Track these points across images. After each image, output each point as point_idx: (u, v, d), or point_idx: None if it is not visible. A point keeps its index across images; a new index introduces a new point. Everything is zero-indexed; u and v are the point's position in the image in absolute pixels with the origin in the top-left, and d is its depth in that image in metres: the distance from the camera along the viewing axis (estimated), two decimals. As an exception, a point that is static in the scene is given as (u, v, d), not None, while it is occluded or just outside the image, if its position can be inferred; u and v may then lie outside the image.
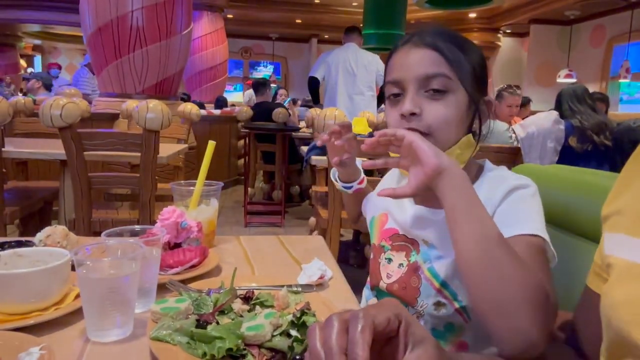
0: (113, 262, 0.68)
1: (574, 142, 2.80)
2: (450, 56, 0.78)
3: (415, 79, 0.78)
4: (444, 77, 0.77)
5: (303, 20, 11.10)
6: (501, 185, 0.79)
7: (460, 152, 0.80)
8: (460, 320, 0.80)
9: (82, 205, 2.04)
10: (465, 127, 0.81)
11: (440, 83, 0.77)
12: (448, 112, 0.77)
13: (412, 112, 0.77)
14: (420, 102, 0.78)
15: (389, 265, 0.88)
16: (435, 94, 0.77)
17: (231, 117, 5.60)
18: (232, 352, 0.58)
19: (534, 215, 0.75)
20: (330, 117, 2.20)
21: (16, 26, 10.51)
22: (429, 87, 0.77)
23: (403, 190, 0.71)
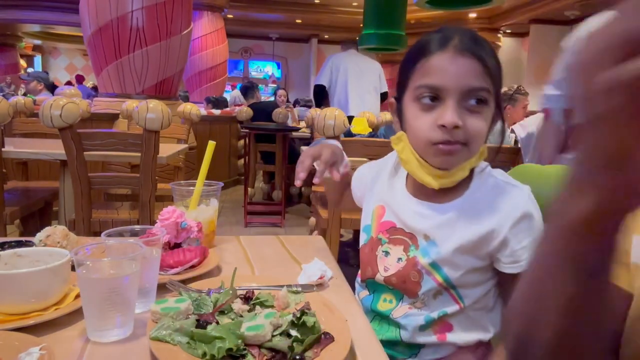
0: (113, 262, 0.68)
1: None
2: (492, 69, 0.78)
3: (459, 90, 0.77)
4: (486, 92, 0.78)
5: (303, 20, 11.10)
6: (507, 200, 0.80)
7: (474, 161, 0.83)
8: (456, 307, 0.83)
9: (82, 205, 2.04)
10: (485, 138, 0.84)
11: (481, 96, 0.78)
12: (484, 126, 0.80)
13: (456, 125, 0.77)
14: (462, 114, 0.78)
15: (386, 258, 0.88)
16: (475, 107, 0.78)
17: (231, 117, 5.60)
18: (232, 352, 0.58)
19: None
20: (330, 117, 2.20)
21: (16, 26, 10.52)
22: (471, 100, 0.78)
23: None
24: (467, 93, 0.77)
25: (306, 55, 13.11)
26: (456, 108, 0.77)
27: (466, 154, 0.80)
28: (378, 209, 0.93)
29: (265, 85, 12.32)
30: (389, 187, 0.93)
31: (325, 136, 2.26)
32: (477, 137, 0.79)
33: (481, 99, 0.78)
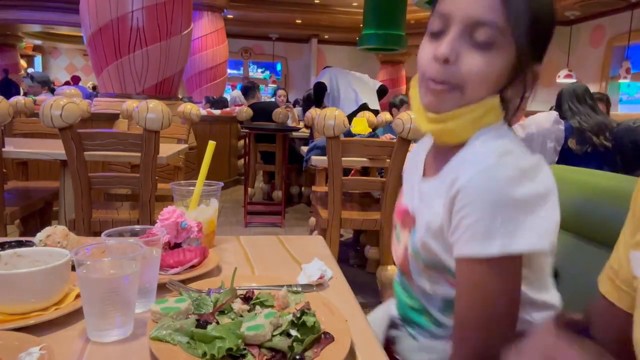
0: (113, 262, 0.68)
1: (573, 144, 2.80)
2: (513, 5, 0.65)
3: (462, 20, 0.66)
4: (493, 28, 0.65)
5: (303, 20, 11.10)
6: (458, 170, 0.67)
7: (479, 115, 0.69)
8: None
9: (82, 205, 2.04)
10: (497, 89, 0.69)
11: (487, 33, 0.65)
12: (488, 69, 0.66)
13: (446, 57, 0.67)
14: (459, 48, 0.67)
15: (397, 244, 0.85)
16: (479, 44, 0.66)
17: (231, 117, 5.60)
18: (232, 352, 0.58)
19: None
20: (330, 117, 2.20)
21: (16, 26, 10.52)
22: (474, 35, 0.66)
23: None
24: (472, 25, 0.66)
25: (306, 55, 13.11)
26: (456, 40, 0.67)
27: (457, 97, 0.69)
28: (400, 191, 0.88)
29: (265, 85, 12.32)
30: (413, 165, 0.85)
31: (326, 136, 2.26)
32: (474, 80, 0.67)
33: (487, 38, 0.66)
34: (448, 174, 0.69)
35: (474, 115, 0.69)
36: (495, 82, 0.68)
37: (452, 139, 0.73)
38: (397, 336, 0.87)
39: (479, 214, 0.63)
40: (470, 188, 0.64)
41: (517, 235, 0.62)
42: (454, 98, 0.69)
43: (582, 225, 0.85)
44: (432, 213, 0.71)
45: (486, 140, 0.69)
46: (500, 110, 0.70)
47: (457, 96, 0.69)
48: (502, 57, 0.67)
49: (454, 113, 0.70)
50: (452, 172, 0.68)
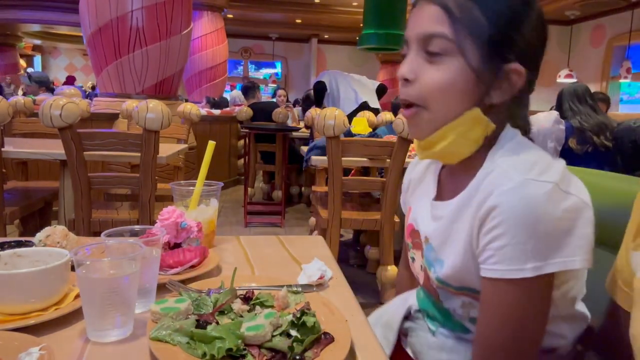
0: (113, 262, 0.68)
1: (574, 143, 2.80)
2: (457, 13, 0.66)
3: (415, 38, 0.69)
4: (443, 39, 0.66)
5: (303, 20, 11.10)
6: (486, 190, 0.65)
7: (466, 130, 0.68)
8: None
9: (82, 205, 2.04)
10: (475, 100, 0.68)
11: (438, 45, 0.66)
12: (443, 79, 0.66)
13: (404, 77, 0.69)
14: (418, 67, 0.68)
15: (413, 264, 0.85)
16: (432, 57, 0.67)
17: (231, 117, 5.60)
18: (232, 352, 0.58)
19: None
20: (330, 117, 2.20)
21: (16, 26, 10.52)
22: (428, 49, 0.67)
23: None
24: (424, 41, 0.68)
25: (306, 55, 13.11)
26: (413, 59, 0.69)
27: (427, 117, 0.69)
28: (409, 209, 0.88)
29: (265, 85, 12.32)
30: (424, 185, 0.84)
31: (325, 136, 2.26)
32: (434, 93, 0.67)
33: (437, 49, 0.66)
34: (472, 196, 0.68)
35: (459, 131, 0.69)
36: (463, 93, 0.67)
37: (453, 159, 0.73)
38: (412, 328, 0.85)
39: (511, 234, 0.61)
40: (503, 207, 0.62)
41: (551, 256, 0.61)
42: (424, 118, 0.69)
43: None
44: (456, 243, 0.70)
45: (505, 154, 0.68)
46: (486, 119, 0.69)
47: (426, 115, 0.69)
48: (456, 66, 0.66)
49: (436, 135, 0.70)
50: (477, 192, 0.67)
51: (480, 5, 0.66)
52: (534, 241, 0.61)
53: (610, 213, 0.79)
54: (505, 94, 0.69)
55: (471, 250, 0.68)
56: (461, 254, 0.69)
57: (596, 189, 0.85)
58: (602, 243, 0.80)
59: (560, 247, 0.61)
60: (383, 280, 2.54)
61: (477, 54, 0.66)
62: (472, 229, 0.67)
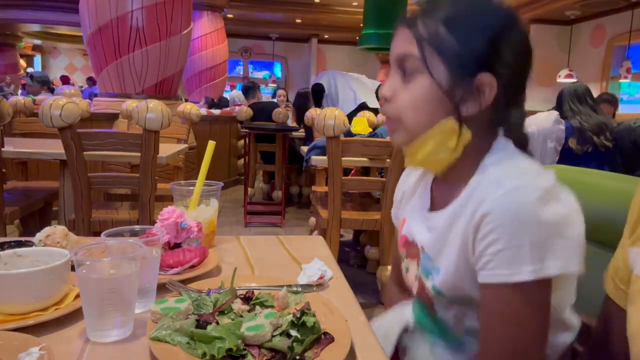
0: (113, 262, 0.68)
1: (574, 143, 2.79)
2: (424, 34, 0.70)
3: (393, 60, 0.74)
4: (413, 58, 0.70)
5: (303, 20, 11.10)
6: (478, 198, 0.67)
7: (443, 139, 0.71)
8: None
9: (81, 205, 2.04)
10: (448, 112, 0.70)
11: (409, 64, 0.71)
12: (414, 97, 0.71)
13: (384, 96, 0.74)
14: (396, 87, 0.73)
15: (407, 274, 0.85)
16: (406, 76, 0.72)
17: (231, 117, 5.60)
18: (232, 352, 0.58)
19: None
20: (330, 117, 2.20)
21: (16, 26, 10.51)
22: (404, 69, 0.72)
23: None
24: (399, 61, 0.73)
25: (306, 55, 13.10)
26: (392, 80, 0.74)
27: (401, 129, 0.73)
28: (402, 220, 0.88)
29: (265, 85, 12.32)
30: (417, 196, 0.86)
31: (325, 136, 2.26)
32: (406, 109, 0.72)
33: (408, 68, 0.71)
34: (465, 204, 0.69)
35: (437, 140, 0.71)
36: (430, 107, 0.70)
37: (437, 167, 0.76)
38: (410, 343, 0.85)
39: (506, 239, 0.62)
40: (496, 213, 0.63)
41: (547, 259, 0.62)
42: (399, 130, 0.74)
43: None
44: (451, 252, 0.71)
45: (496, 163, 0.70)
46: (460, 129, 0.70)
47: (401, 128, 0.73)
48: (423, 84, 0.70)
49: (416, 145, 0.73)
50: (470, 201, 0.68)
51: (448, 23, 0.69)
52: (529, 245, 0.61)
53: (610, 213, 0.80)
54: (477, 105, 0.70)
55: (465, 258, 0.69)
56: (455, 262, 0.70)
57: (596, 189, 0.85)
58: (602, 243, 0.80)
59: (556, 251, 0.62)
60: (383, 280, 2.54)
61: (444, 70, 0.69)
62: (466, 237, 0.68)
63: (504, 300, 0.64)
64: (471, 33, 0.69)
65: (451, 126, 0.70)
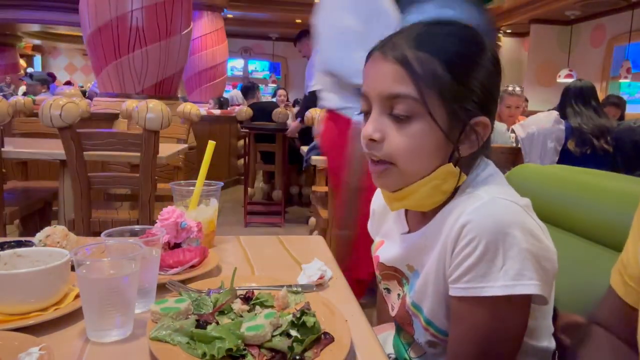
0: (113, 262, 0.68)
1: (572, 145, 2.78)
2: (420, 71, 0.64)
3: (378, 97, 0.67)
4: (409, 99, 0.64)
5: (303, 20, 11.06)
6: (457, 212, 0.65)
7: (439, 183, 0.68)
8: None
9: (81, 205, 2.04)
10: (445, 156, 0.67)
11: (404, 106, 0.65)
12: (413, 143, 0.65)
13: (371, 137, 0.67)
14: (384, 126, 0.67)
15: (389, 295, 0.83)
16: (399, 120, 0.66)
17: (231, 117, 5.60)
18: (232, 352, 0.58)
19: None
20: (330, 117, 2.20)
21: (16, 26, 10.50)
22: (393, 110, 0.66)
23: None
24: (387, 100, 0.66)
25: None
26: (377, 119, 0.67)
27: (396, 173, 0.68)
28: (378, 243, 0.86)
29: (265, 85, 12.31)
30: (390, 220, 0.84)
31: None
32: (403, 156, 0.66)
33: (403, 111, 0.65)
34: (444, 220, 0.67)
35: (432, 185, 0.68)
36: (432, 152, 0.67)
37: (424, 208, 0.72)
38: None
39: (482, 251, 0.60)
40: (473, 224, 0.61)
41: (523, 278, 0.60)
42: (393, 174, 0.68)
43: (582, 225, 0.85)
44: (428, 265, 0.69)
45: (477, 184, 0.69)
46: (458, 172, 0.68)
47: (396, 171, 0.68)
48: (425, 128, 0.65)
49: (408, 190, 0.69)
50: (450, 216, 0.66)
51: (440, 59, 0.64)
52: (503, 259, 0.60)
53: (611, 213, 0.80)
54: (473, 147, 0.68)
55: (443, 272, 0.67)
56: (434, 274, 0.69)
57: (596, 189, 0.85)
58: (603, 242, 0.80)
59: (532, 270, 0.60)
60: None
61: (443, 112, 0.65)
62: (444, 250, 0.66)
63: (474, 313, 0.63)
64: (471, 74, 0.66)
65: (450, 171, 0.67)
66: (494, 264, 0.60)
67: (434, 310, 0.70)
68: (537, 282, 0.60)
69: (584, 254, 0.82)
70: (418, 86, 0.64)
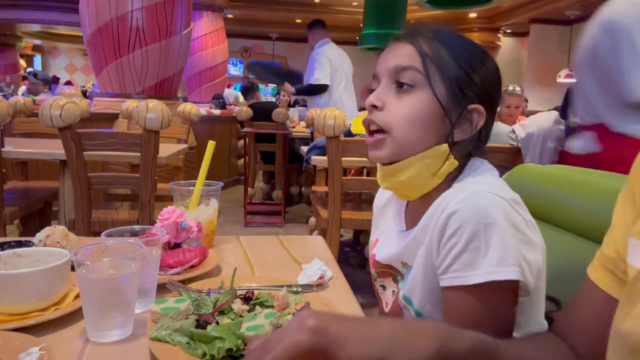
0: (113, 262, 0.68)
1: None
2: (428, 52, 0.70)
3: (387, 71, 0.73)
4: (414, 71, 0.70)
5: (303, 20, 11.08)
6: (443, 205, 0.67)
7: (432, 163, 0.71)
8: None
9: (81, 205, 2.04)
10: (439, 135, 0.71)
11: (408, 76, 0.70)
12: (412, 110, 0.70)
13: (372, 104, 0.72)
14: (387, 97, 0.72)
15: (385, 292, 0.84)
16: (402, 89, 0.71)
17: (231, 117, 5.60)
18: (232, 352, 0.58)
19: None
20: (330, 117, 2.20)
21: (16, 26, 10.51)
22: (399, 79, 0.71)
23: None
24: (395, 73, 0.72)
25: (306, 55, 13.08)
26: (383, 89, 0.73)
27: (390, 142, 0.71)
28: (373, 242, 0.88)
29: (265, 86, 12.31)
30: (390, 219, 0.85)
31: (325, 136, 2.26)
32: (402, 123, 0.70)
33: (408, 80, 0.70)
34: (433, 214, 0.69)
35: (425, 163, 0.70)
36: (428, 126, 0.70)
37: (413, 192, 0.74)
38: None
39: (467, 240, 0.62)
40: (458, 213, 0.63)
41: (505, 264, 0.62)
42: (388, 143, 0.72)
43: (582, 225, 0.85)
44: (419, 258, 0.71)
45: (467, 180, 0.71)
46: (452, 157, 0.71)
47: (390, 140, 0.71)
48: (425, 99, 0.70)
49: (402, 164, 0.71)
50: (437, 211, 0.67)
51: (447, 49, 0.71)
52: (486, 247, 0.61)
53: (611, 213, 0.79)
54: (466, 133, 0.72)
55: (432, 264, 0.68)
56: (423, 267, 0.70)
57: (596, 189, 0.85)
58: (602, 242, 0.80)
59: (513, 258, 0.62)
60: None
61: (444, 90, 0.70)
62: (431, 241, 0.68)
63: (460, 302, 0.64)
64: (468, 61, 0.71)
65: (445, 152, 0.71)
66: (478, 253, 0.62)
67: (423, 302, 0.71)
68: (518, 269, 0.62)
69: (584, 254, 0.82)
70: (424, 61, 0.70)
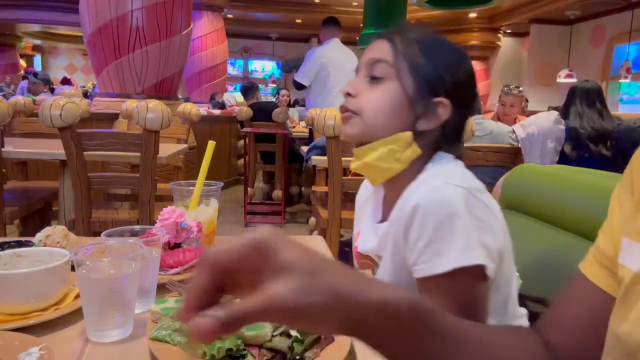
0: (113, 262, 0.68)
1: (569, 149, 2.75)
2: (401, 48, 0.77)
3: (364, 64, 0.80)
4: (384, 64, 0.77)
5: (303, 20, 11.10)
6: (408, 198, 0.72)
7: (396, 148, 0.76)
8: None
9: (81, 205, 2.04)
10: (405, 123, 0.77)
11: (379, 69, 0.77)
12: (379, 98, 0.77)
13: (347, 92, 0.80)
14: (361, 86, 0.79)
15: None
16: (373, 80, 0.78)
17: (231, 117, 5.60)
18: (232, 352, 0.58)
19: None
20: (330, 117, 2.20)
21: (16, 26, 10.51)
22: (372, 72, 0.78)
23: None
24: (370, 66, 0.79)
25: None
26: (358, 80, 0.80)
27: (359, 122, 0.78)
28: (356, 234, 0.92)
29: (265, 85, 12.31)
30: (370, 210, 0.89)
31: (325, 136, 2.26)
32: (369, 107, 0.77)
33: (378, 73, 0.77)
34: (400, 208, 0.73)
35: (390, 148, 0.76)
36: (394, 114, 0.76)
37: (378, 176, 0.80)
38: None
39: (432, 231, 0.67)
40: (422, 207, 0.68)
41: (468, 250, 0.66)
42: (356, 122, 0.79)
43: (582, 225, 0.85)
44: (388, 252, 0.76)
45: (431, 173, 0.76)
46: (415, 144, 0.76)
47: (359, 120, 0.78)
48: (392, 89, 0.76)
49: (367, 147, 0.78)
50: (404, 203, 0.72)
51: (422, 47, 0.77)
52: (450, 237, 0.66)
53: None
54: (431, 123, 0.77)
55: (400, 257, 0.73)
56: (391, 260, 0.75)
57: (596, 189, 0.85)
58: (602, 243, 0.80)
59: (476, 244, 0.66)
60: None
61: (411, 83, 0.76)
62: (397, 233, 0.72)
63: (434, 292, 0.68)
64: (439, 60, 0.77)
65: (407, 138, 0.76)
66: (443, 242, 0.66)
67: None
68: (483, 253, 0.67)
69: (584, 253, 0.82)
70: (395, 55, 0.77)
